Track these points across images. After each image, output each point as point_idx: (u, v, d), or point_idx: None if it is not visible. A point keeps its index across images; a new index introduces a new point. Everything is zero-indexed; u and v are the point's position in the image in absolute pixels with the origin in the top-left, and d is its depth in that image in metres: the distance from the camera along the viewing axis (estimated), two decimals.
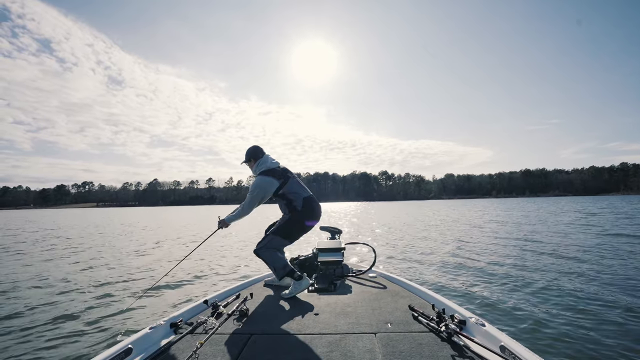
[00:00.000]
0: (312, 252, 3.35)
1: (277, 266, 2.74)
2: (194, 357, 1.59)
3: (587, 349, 2.66)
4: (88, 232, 15.34)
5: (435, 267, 5.82)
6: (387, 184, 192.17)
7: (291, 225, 2.84)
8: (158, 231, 15.08)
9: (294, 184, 2.88)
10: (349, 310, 2.24)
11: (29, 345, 2.94)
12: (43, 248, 9.69)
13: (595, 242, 8.19)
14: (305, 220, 2.84)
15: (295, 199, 2.82)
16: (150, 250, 8.76)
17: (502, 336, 1.66)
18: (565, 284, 4.42)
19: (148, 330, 1.85)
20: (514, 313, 3.40)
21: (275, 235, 2.83)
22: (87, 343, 2.96)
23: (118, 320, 3.51)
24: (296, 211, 2.81)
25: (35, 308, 3.97)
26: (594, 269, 5.21)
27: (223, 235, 12.53)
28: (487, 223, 15.03)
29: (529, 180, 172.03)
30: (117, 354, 1.59)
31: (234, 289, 2.77)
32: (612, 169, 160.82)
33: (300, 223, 2.84)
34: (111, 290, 4.75)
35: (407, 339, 1.77)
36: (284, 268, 2.72)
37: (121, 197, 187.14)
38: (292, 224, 2.83)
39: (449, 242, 9.08)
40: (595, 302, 3.67)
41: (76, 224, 22.13)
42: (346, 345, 1.73)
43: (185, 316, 2.14)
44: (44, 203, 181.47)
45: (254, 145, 3.00)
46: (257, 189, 2.77)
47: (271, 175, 2.81)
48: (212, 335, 1.85)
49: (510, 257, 6.50)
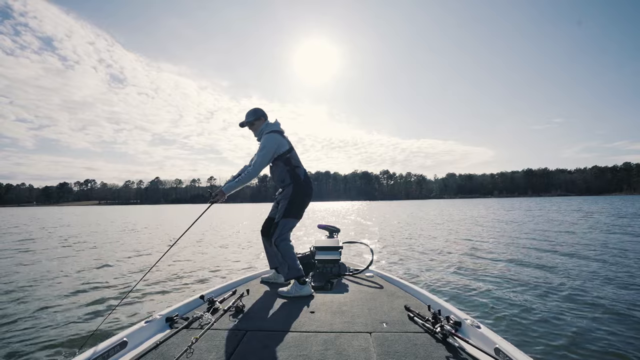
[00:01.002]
0: (310, 250, 3.35)
1: (293, 265, 2.59)
2: (189, 352, 1.59)
3: (583, 352, 2.64)
4: (102, 228, 15.42)
5: (433, 267, 5.81)
6: (388, 183, 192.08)
7: (299, 199, 2.69)
8: (161, 229, 15.14)
9: (297, 155, 2.79)
10: (344, 309, 2.24)
11: (21, 338, 2.94)
12: (59, 244, 9.75)
13: (596, 243, 8.15)
14: (306, 194, 2.73)
15: (300, 167, 2.73)
16: (149, 246, 8.79)
17: (497, 338, 1.65)
18: (562, 286, 4.38)
19: (143, 324, 1.85)
20: (510, 315, 3.39)
21: (288, 218, 2.67)
22: (82, 336, 2.97)
23: (113, 314, 3.50)
24: (299, 181, 2.70)
25: (30, 301, 4.00)
26: (592, 272, 5.18)
27: (223, 237, 12.60)
28: (488, 223, 14.99)
29: (531, 180, 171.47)
30: (112, 347, 1.59)
31: (230, 285, 2.77)
32: (615, 169, 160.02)
33: (304, 195, 2.71)
34: (107, 284, 4.77)
35: (402, 339, 1.77)
36: (298, 271, 2.58)
37: (123, 195, 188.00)
38: (299, 197, 2.69)
39: (448, 242, 9.06)
40: (592, 306, 3.64)
41: (87, 221, 22.26)
42: (341, 344, 1.72)
43: (181, 311, 2.14)
44: (46, 200, 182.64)
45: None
46: (270, 144, 2.61)
47: (281, 136, 2.72)
48: (207, 330, 1.85)
49: (509, 258, 6.47)
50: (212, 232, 13.20)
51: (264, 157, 2.61)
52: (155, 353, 1.63)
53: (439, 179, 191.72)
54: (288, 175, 2.70)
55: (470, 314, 2.01)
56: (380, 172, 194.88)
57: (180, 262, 6.54)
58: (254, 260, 6.78)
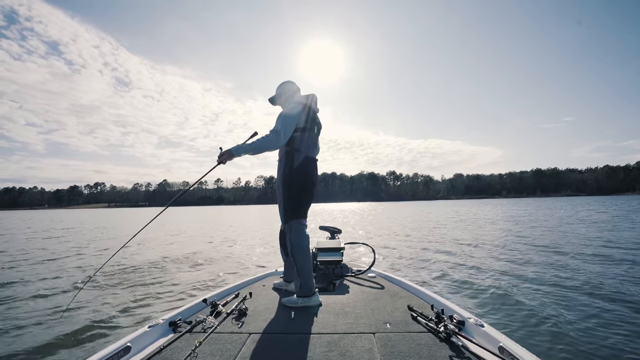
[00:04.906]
0: (312, 252, 3.36)
1: (305, 284, 2.29)
2: (193, 356, 1.59)
3: (588, 350, 2.60)
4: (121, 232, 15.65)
5: (435, 267, 5.75)
6: (395, 184, 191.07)
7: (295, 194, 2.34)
8: (167, 229, 15.30)
9: (310, 140, 2.45)
10: (347, 310, 2.23)
11: (23, 342, 2.96)
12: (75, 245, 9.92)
13: (601, 242, 7.97)
14: (301, 186, 2.36)
15: (300, 151, 2.36)
16: (156, 248, 8.88)
17: (501, 337, 1.63)
18: (567, 285, 4.30)
19: (147, 328, 1.85)
20: (514, 314, 3.34)
21: (291, 221, 2.33)
22: (85, 341, 2.98)
23: (116, 318, 3.51)
24: (290, 168, 2.34)
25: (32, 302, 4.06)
26: (597, 271, 5.07)
27: (223, 238, 12.63)
28: (493, 223, 14.79)
29: (541, 180, 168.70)
30: (115, 352, 1.59)
31: (233, 288, 2.75)
32: (627, 168, 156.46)
33: (299, 187, 2.36)
34: (110, 287, 4.81)
35: (405, 339, 1.75)
36: (309, 290, 2.29)
37: (132, 197, 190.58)
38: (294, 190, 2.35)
39: (450, 242, 8.96)
40: (597, 304, 3.57)
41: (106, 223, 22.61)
42: (345, 345, 1.71)
43: (184, 315, 2.13)
44: (57, 203, 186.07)
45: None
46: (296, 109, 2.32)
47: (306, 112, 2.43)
48: (210, 334, 1.84)
49: (512, 257, 6.37)
50: (216, 235, 13.28)
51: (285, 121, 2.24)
52: (159, 357, 1.63)
53: (446, 180, 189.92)
54: (284, 157, 2.38)
55: (474, 313, 1.99)
56: (387, 173, 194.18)
57: (183, 266, 6.59)
58: (257, 262, 6.80)
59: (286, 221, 2.37)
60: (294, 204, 2.35)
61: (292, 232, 2.34)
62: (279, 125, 2.24)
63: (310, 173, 2.39)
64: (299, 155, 2.34)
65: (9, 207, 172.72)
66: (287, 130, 2.26)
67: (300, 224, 2.36)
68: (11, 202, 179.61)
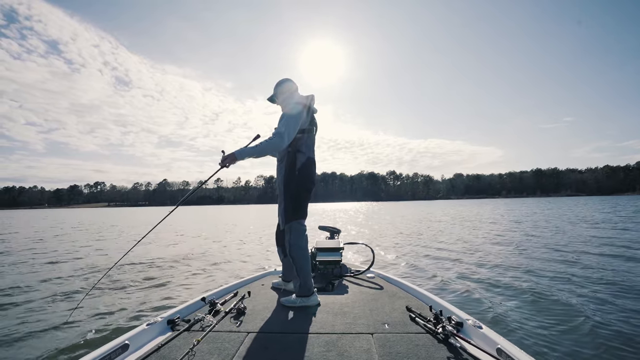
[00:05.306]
0: (310, 252, 3.36)
1: (305, 284, 2.30)
2: (191, 354, 1.59)
3: (585, 352, 2.59)
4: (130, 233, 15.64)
5: (434, 267, 5.75)
6: (395, 184, 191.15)
7: (296, 194, 2.35)
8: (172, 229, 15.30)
9: (310, 140, 2.45)
10: (346, 310, 2.23)
11: (21, 339, 2.96)
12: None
13: (601, 242, 7.97)
14: (302, 187, 2.36)
15: (302, 152, 2.37)
16: (156, 247, 8.89)
17: (499, 339, 1.63)
18: (566, 288, 4.29)
19: (145, 326, 1.84)
20: (512, 316, 3.34)
21: (291, 221, 2.33)
22: (83, 338, 2.98)
23: (114, 316, 3.51)
24: (293, 170, 2.34)
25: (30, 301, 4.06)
26: (596, 273, 5.05)
27: (223, 238, 12.65)
28: (489, 224, 14.79)
29: (541, 180, 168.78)
30: (113, 349, 1.58)
31: (231, 287, 2.75)
32: (627, 168, 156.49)
33: (299, 187, 2.36)
34: (109, 285, 4.82)
35: (403, 340, 1.75)
36: (308, 290, 2.31)
37: (132, 197, 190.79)
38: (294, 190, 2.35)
39: (450, 242, 8.96)
40: (595, 307, 3.56)
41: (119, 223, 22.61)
42: (343, 345, 1.71)
43: (183, 313, 2.13)
44: (57, 203, 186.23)
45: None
46: (298, 110, 2.29)
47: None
48: (208, 332, 1.84)
49: (511, 259, 6.36)
50: (217, 235, 13.27)
51: (289, 123, 2.21)
52: (157, 356, 1.62)
53: (446, 180, 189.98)
54: (285, 157, 2.37)
55: (472, 315, 1.99)
56: (387, 173, 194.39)
57: (182, 265, 6.59)
58: (255, 261, 6.80)
59: (287, 221, 2.36)
60: (295, 204, 2.34)
61: (292, 233, 2.34)
62: (282, 127, 2.22)
63: (311, 173, 2.41)
64: (302, 156, 2.34)
65: (8, 207, 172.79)
66: (291, 132, 2.25)
67: (300, 224, 2.37)
68: (11, 201, 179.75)
